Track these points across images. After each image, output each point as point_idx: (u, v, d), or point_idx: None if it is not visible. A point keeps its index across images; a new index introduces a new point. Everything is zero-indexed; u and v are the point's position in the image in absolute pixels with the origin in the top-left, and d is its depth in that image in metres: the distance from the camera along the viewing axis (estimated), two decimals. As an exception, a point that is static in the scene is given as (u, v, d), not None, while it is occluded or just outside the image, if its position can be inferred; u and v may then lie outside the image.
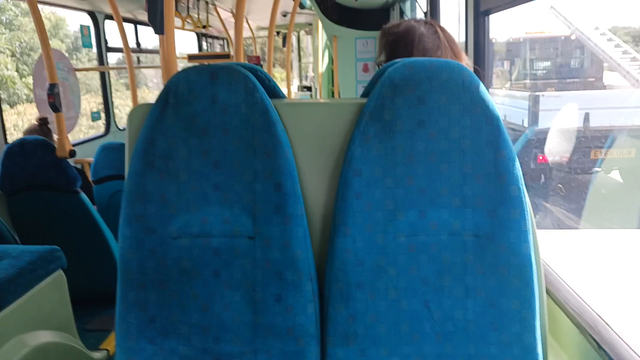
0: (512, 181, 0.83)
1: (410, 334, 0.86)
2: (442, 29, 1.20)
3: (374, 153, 0.85)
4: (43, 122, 2.94)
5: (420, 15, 3.38)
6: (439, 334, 0.86)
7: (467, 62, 1.19)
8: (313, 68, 9.45)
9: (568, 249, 1.32)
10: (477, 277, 0.85)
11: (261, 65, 4.81)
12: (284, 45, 7.52)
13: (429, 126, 0.84)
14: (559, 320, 1.07)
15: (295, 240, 0.87)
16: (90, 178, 3.01)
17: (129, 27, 4.79)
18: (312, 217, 0.93)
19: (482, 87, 0.85)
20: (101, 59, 4.34)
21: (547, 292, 1.09)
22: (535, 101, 6.09)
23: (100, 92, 4.51)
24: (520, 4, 1.43)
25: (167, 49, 1.46)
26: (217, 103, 0.88)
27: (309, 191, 0.93)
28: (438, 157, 0.84)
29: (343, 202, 0.86)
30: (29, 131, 2.97)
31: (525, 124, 6.28)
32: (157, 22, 1.40)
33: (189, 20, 4.71)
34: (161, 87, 1.01)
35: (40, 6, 2.64)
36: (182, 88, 0.88)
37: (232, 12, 5.78)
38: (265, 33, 9.58)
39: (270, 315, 0.88)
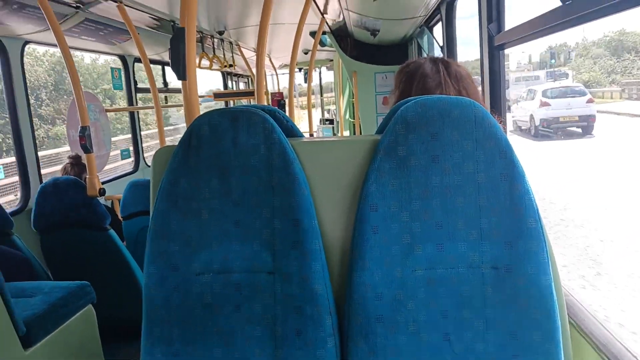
0: (528, 213, 0.84)
1: None
2: (448, 66, 1.24)
3: (389, 188, 0.87)
4: (76, 161, 3.07)
5: (437, 49, 3.43)
6: None
7: (478, 96, 1.22)
8: (334, 102, 9.60)
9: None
10: (497, 309, 0.85)
11: (284, 101, 4.93)
12: (305, 81, 7.68)
13: (443, 161, 0.86)
14: (584, 351, 1.04)
15: (313, 275, 0.89)
16: (119, 214, 3.10)
17: (156, 69, 5.00)
18: (330, 252, 0.95)
19: (494, 122, 0.86)
20: (130, 100, 4.53)
21: (571, 322, 1.07)
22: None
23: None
24: (533, 40, 1.45)
25: (189, 93, 1.52)
26: (238, 145, 0.92)
27: (327, 227, 0.95)
28: (453, 191, 0.86)
29: (360, 237, 0.87)
30: (64, 169, 3.12)
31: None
32: (180, 69, 1.46)
33: (215, 61, 4.89)
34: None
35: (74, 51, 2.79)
36: (204, 131, 0.93)
37: (254, 51, 5.97)
38: (287, 70, 9.82)
39: (291, 349, 0.89)
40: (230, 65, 5.42)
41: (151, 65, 3.60)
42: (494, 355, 0.85)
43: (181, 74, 1.48)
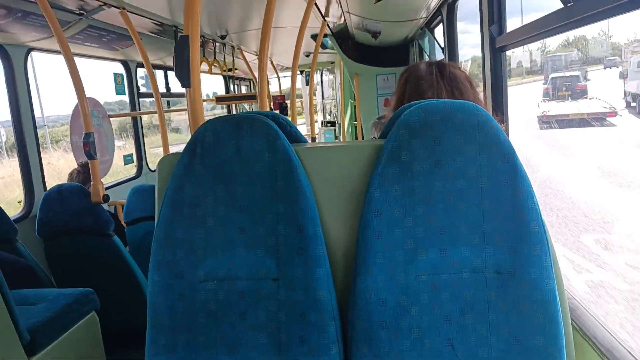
0: (531, 217, 0.84)
1: None
2: (442, 68, 1.26)
3: (392, 194, 0.87)
4: (84, 169, 3.10)
5: (438, 50, 3.43)
6: None
7: (475, 97, 1.23)
8: (336, 104, 9.59)
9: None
10: (500, 314, 0.85)
11: (286, 104, 4.94)
12: (307, 84, 7.69)
13: (445, 166, 0.86)
14: (587, 355, 1.04)
15: (317, 281, 0.89)
16: (122, 219, 3.11)
17: (159, 74, 5.01)
18: (334, 258, 0.95)
19: (497, 126, 0.86)
20: (133, 105, 4.54)
21: (574, 326, 1.06)
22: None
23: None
24: (535, 41, 1.45)
25: (193, 100, 1.53)
26: (242, 151, 0.92)
27: (330, 233, 0.95)
28: (456, 196, 0.86)
29: (364, 243, 0.87)
30: (71, 175, 3.14)
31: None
32: (184, 76, 1.47)
33: (215, 65, 4.90)
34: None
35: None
36: (208, 138, 0.93)
37: (256, 55, 5.99)
38: (289, 73, 9.82)
39: (295, 356, 0.89)
40: (231, 70, 5.43)
41: (154, 70, 3.61)
42: None
43: (186, 82, 1.49)
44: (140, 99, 4.62)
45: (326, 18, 3.83)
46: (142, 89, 4.67)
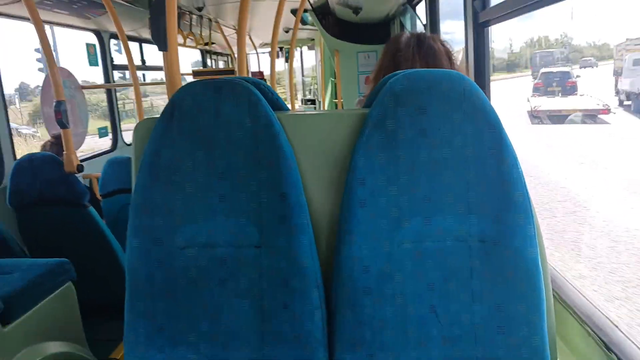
0: (516, 187, 0.85)
1: (417, 338, 0.87)
2: (421, 41, 1.26)
3: (377, 162, 0.87)
4: (57, 140, 3.00)
5: (420, 27, 3.42)
6: (445, 338, 0.87)
7: (458, 69, 1.25)
8: (316, 82, 9.53)
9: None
10: (483, 281, 0.86)
11: (265, 80, 4.87)
12: (286, 61, 7.60)
13: (431, 135, 0.86)
14: (567, 322, 1.08)
15: (301, 249, 0.89)
16: (98, 193, 3.04)
17: (133, 45, 4.86)
18: (318, 226, 0.95)
19: (483, 95, 0.86)
20: (107, 77, 4.41)
21: (555, 295, 1.10)
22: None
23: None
24: (518, 15, 1.45)
25: (170, 64, 1.50)
26: (222, 116, 0.90)
27: (314, 201, 0.95)
28: (441, 165, 0.86)
29: (348, 211, 0.87)
30: (44, 147, 3.04)
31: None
32: (161, 39, 1.43)
33: (191, 37, 4.78)
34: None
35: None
36: (187, 102, 0.91)
37: (235, 29, 5.87)
38: (268, 49, 9.69)
39: (278, 322, 0.90)
40: (207, 44, 5.31)
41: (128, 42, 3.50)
42: (479, 327, 0.87)
43: (162, 45, 1.45)
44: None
45: None
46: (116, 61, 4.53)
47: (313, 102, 9.25)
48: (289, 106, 4.71)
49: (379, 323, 0.87)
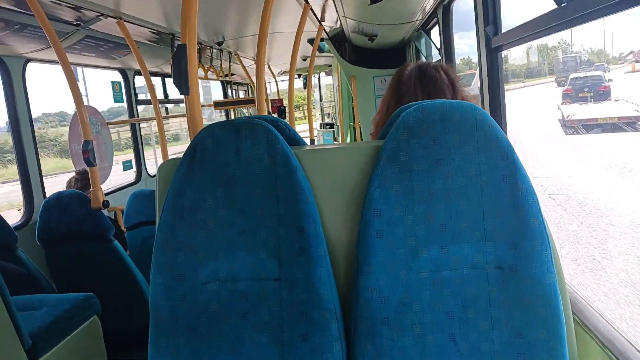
0: (531, 213, 0.85)
1: None
2: (423, 72, 1.28)
3: (392, 193, 0.88)
4: (82, 176, 3.11)
5: (435, 51, 3.45)
6: None
7: (463, 97, 1.25)
8: (334, 106, 9.63)
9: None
10: (502, 308, 0.86)
11: (284, 107, 4.94)
12: (304, 87, 7.72)
13: (445, 165, 0.87)
14: (589, 347, 1.05)
15: (319, 281, 0.89)
16: (122, 225, 3.11)
17: (156, 81, 5.03)
18: (336, 257, 0.95)
19: (495, 124, 0.87)
20: (132, 112, 4.56)
21: (575, 319, 1.07)
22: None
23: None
24: (530, 40, 1.46)
25: (192, 106, 1.55)
26: (241, 155, 0.93)
27: (331, 233, 0.96)
28: (456, 193, 0.87)
29: (365, 242, 0.88)
30: (69, 183, 3.15)
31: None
32: (182, 84, 1.48)
33: (212, 70, 4.91)
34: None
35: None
36: (208, 143, 0.94)
37: (254, 60, 6.01)
38: (287, 77, 9.86)
39: (298, 355, 0.90)
40: (227, 75, 5.44)
41: (151, 78, 3.62)
42: (499, 354, 0.86)
43: (184, 90, 1.50)
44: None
45: (322, 22, 3.85)
46: (140, 97, 4.69)
47: (332, 125, 9.32)
48: (308, 132, 4.76)
49: (399, 353, 0.86)
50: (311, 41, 4.54)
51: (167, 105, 5.38)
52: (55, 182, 4.54)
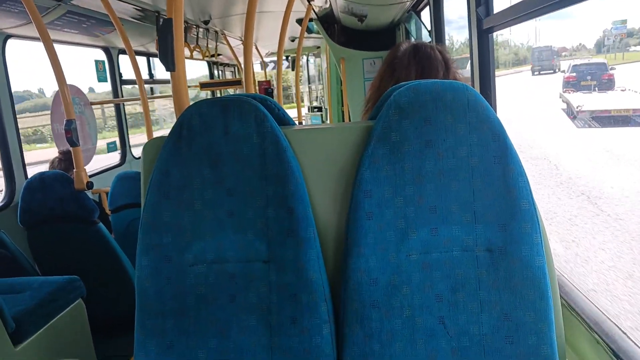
0: (522, 196, 0.85)
1: (426, 350, 0.87)
2: (417, 49, 1.28)
3: (383, 174, 0.87)
4: (65, 156, 3.04)
5: (425, 33, 3.42)
6: (455, 349, 0.87)
7: (456, 77, 1.26)
8: (322, 89, 9.56)
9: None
10: (491, 291, 0.86)
11: (272, 89, 4.90)
12: (292, 69, 7.65)
13: (436, 146, 0.86)
14: (576, 330, 1.06)
15: (308, 263, 0.88)
16: (107, 207, 3.07)
17: (141, 60, 4.92)
18: (325, 239, 0.95)
19: (487, 105, 0.86)
20: (116, 92, 4.47)
21: (563, 302, 1.09)
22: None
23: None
24: (522, 22, 1.44)
25: (178, 84, 1.51)
26: (229, 134, 0.91)
27: (321, 214, 0.95)
28: (447, 175, 0.86)
29: (354, 223, 0.87)
30: (52, 163, 3.09)
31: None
32: (168, 60, 1.45)
33: (197, 50, 4.83)
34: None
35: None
36: (194, 121, 0.91)
37: (241, 40, 5.92)
38: (274, 58, 9.75)
39: (287, 337, 0.89)
40: (214, 55, 5.36)
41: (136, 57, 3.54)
42: (488, 337, 0.86)
43: (170, 66, 1.47)
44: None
45: (311, 2, 3.79)
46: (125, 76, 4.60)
47: (319, 109, 9.27)
48: (296, 113, 4.73)
49: (388, 336, 0.86)
50: (300, 21, 4.47)
51: (152, 86, 5.29)
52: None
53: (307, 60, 10.89)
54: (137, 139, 4.71)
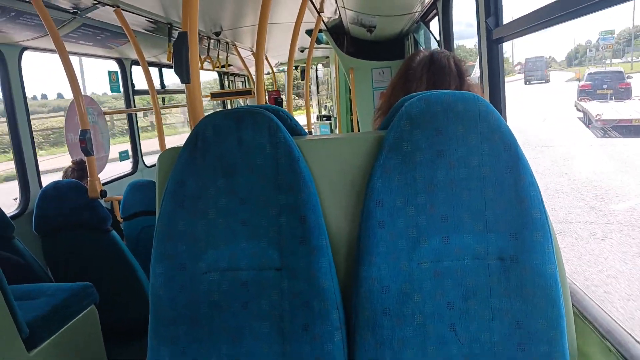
0: (533, 205, 0.85)
1: (437, 357, 0.87)
2: (432, 60, 1.27)
3: (394, 184, 0.88)
4: (78, 166, 3.09)
5: (434, 43, 3.44)
6: (466, 356, 0.87)
7: (464, 90, 1.25)
8: (331, 98, 9.59)
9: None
10: (502, 299, 0.86)
11: (281, 99, 4.93)
12: (302, 79, 7.69)
13: (448, 156, 0.87)
14: (588, 338, 1.06)
15: (320, 270, 0.89)
16: (119, 215, 3.10)
17: (153, 71, 4.99)
18: (336, 247, 0.96)
19: (498, 115, 0.87)
20: (128, 102, 4.53)
21: (575, 311, 1.08)
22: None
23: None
24: (532, 32, 1.45)
25: (193, 95, 1.54)
26: (243, 144, 0.93)
27: (333, 223, 0.96)
28: (458, 184, 0.87)
29: (366, 232, 0.88)
30: (65, 172, 3.14)
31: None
32: (183, 72, 1.48)
33: (208, 61, 4.88)
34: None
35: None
36: (209, 132, 0.93)
37: (251, 51, 5.98)
38: (283, 68, 9.82)
39: (299, 344, 0.90)
40: (224, 66, 5.41)
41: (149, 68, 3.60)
42: (499, 344, 0.86)
43: (185, 78, 1.49)
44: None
45: (321, 13, 3.82)
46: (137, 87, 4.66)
47: (328, 118, 9.29)
48: (306, 122, 4.74)
49: (399, 343, 0.87)
50: (309, 32, 4.51)
51: (163, 96, 5.35)
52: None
53: (317, 70, 10.95)
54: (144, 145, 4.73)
